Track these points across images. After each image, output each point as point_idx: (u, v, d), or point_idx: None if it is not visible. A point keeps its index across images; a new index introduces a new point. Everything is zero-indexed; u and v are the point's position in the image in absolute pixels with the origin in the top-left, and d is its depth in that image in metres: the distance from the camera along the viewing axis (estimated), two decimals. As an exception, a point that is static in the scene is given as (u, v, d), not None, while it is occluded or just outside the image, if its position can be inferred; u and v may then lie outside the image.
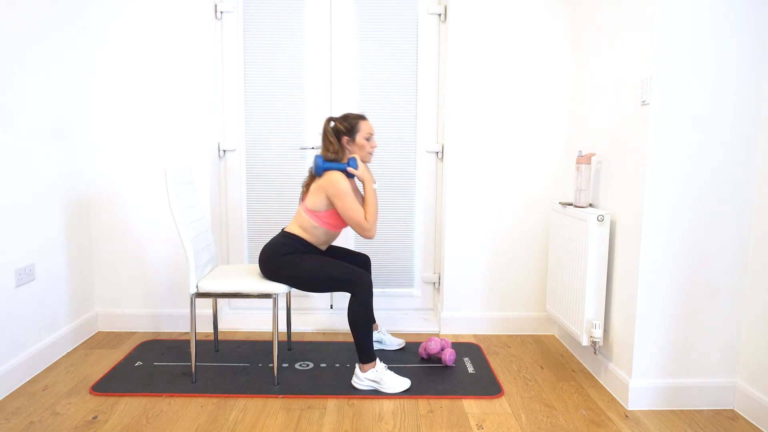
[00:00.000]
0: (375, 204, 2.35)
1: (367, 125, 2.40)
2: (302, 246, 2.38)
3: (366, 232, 2.32)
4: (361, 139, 2.39)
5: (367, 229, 2.32)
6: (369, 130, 2.40)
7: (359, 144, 2.39)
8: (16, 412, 2.13)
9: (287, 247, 2.35)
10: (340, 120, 2.40)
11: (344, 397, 2.26)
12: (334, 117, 2.42)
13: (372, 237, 2.35)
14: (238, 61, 3.03)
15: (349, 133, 2.38)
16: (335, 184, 2.28)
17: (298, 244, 2.37)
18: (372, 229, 2.33)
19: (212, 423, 2.06)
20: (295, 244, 2.36)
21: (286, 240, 2.37)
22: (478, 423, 2.08)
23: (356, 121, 2.39)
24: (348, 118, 2.40)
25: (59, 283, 2.67)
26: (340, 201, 2.29)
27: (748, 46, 2.04)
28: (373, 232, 2.34)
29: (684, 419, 2.12)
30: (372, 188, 2.36)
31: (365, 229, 2.32)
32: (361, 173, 2.35)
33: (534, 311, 3.03)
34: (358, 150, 2.40)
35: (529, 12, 2.84)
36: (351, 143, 2.39)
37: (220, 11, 2.99)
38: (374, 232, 2.34)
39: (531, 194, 2.95)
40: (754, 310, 2.12)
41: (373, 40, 3.04)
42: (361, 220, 2.30)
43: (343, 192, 2.28)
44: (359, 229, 2.32)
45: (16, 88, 2.34)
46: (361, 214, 2.30)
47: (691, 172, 2.09)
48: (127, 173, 2.92)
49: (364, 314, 2.26)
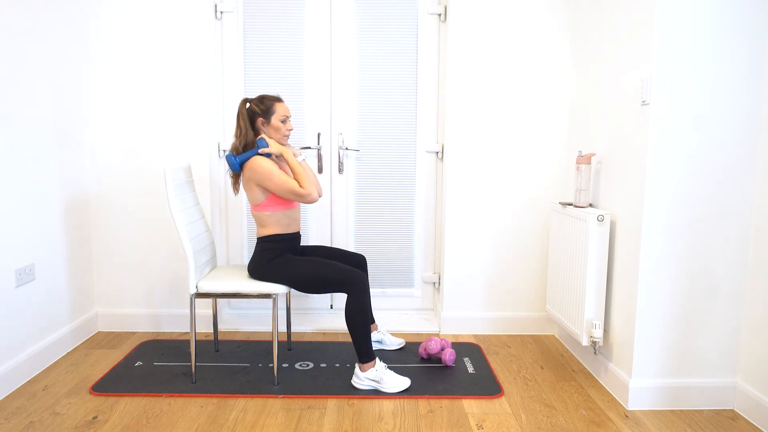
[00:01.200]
0: (303, 171, 2.30)
1: (283, 107, 2.37)
2: (281, 243, 2.37)
3: (306, 198, 2.27)
4: (277, 121, 2.36)
5: (305, 194, 2.27)
6: (285, 112, 2.37)
7: (274, 126, 2.36)
8: (16, 412, 2.13)
9: (269, 252, 2.35)
10: (255, 101, 2.37)
11: (344, 397, 2.26)
12: (250, 98, 2.39)
13: (315, 200, 2.29)
14: (238, 61, 3.03)
15: (265, 114, 2.35)
16: (257, 168, 2.26)
17: (277, 244, 2.37)
18: (312, 193, 2.27)
19: (212, 423, 2.06)
20: (273, 245, 2.36)
21: (264, 245, 2.37)
22: (478, 423, 2.08)
23: (272, 102, 2.36)
24: (264, 100, 2.36)
25: (59, 283, 2.67)
26: (269, 180, 2.26)
27: (748, 46, 2.04)
28: (314, 195, 2.28)
29: (684, 419, 2.12)
30: (291, 157, 2.31)
31: (303, 195, 2.27)
32: (276, 148, 2.31)
33: (534, 311, 3.03)
34: (273, 132, 2.37)
35: (529, 12, 2.84)
36: (266, 125, 2.36)
37: (220, 11, 2.99)
38: (315, 195, 2.28)
39: (531, 194, 2.95)
40: (754, 310, 2.12)
41: (373, 40, 3.04)
42: (296, 189, 2.26)
43: (268, 171, 2.25)
44: (299, 198, 2.28)
45: (16, 88, 2.34)
46: (294, 184, 2.26)
47: (691, 172, 2.09)
48: (127, 173, 2.92)
49: (361, 314, 2.26)
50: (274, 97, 2.38)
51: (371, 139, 3.10)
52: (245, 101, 2.37)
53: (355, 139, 3.10)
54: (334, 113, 3.08)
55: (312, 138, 3.10)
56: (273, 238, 2.37)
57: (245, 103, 2.37)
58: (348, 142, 3.11)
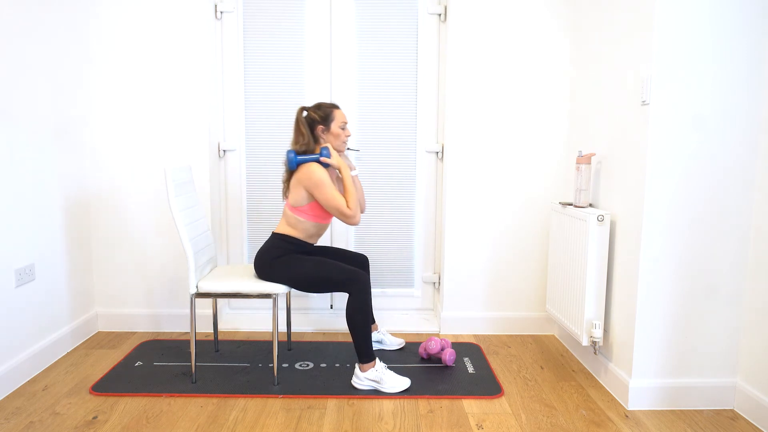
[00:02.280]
0: (355, 190, 2.34)
1: (341, 114, 2.39)
2: (293, 246, 2.37)
3: (349, 219, 2.30)
4: (336, 128, 2.38)
5: (350, 215, 2.29)
6: (343, 118, 2.40)
7: (334, 133, 2.38)
8: (16, 412, 2.13)
9: (279, 250, 2.35)
10: (313, 109, 2.38)
11: (344, 397, 2.26)
12: (307, 106, 2.41)
13: (356, 223, 2.32)
14: (238, 61, 3.03)
15: (324, 121, 2.36)
16: (311, 175, 2.27)
17: (289, 245, 2.37)
18: (355, 215, 2.30)
19: (212, 423, 2.06)
20: (286, 245, 2.36)
21: (277, 242, 2.37)
22: (478, 423, 2.08)
23: (330, 109, 2.38)
24: (322, 107, 2.38)
25: (59, 283, 2.67)
26: (319, 191, 2.27)
27: (748, 46, 2.04)
28: (357, 218, 2.31)
29: (684, 419, 2.12)
30: (348, 175, 2.34)
31: (348, 216, 2.29)
32: (336, 161, 2.33)
33: (534, 311, 3.03)
34: (333, 139, 2.39)
35: (529, 12, 2.84)
36: (326, 132, 2.38)
37: (220, 11, 2.99)
38: (358, 218, 2.32)
39: (531, 194, 2.95)
40: (754, 310, 2.12)
41: (373, 40, 3.04)
42: (342, 208, 2.28)
43: (321, 182, 2.26)
44: (342, 217, 2.30)
45: (16, 88, 2.34)
46: (342, 202, 2.28)
47: (691, 172, 2.09)
48: (127, 173, 2.92)
49: (361, 314, 2.26)
50: (331, 104, 2.40)
51: (371, 139, 3.10)
52: (302, 109, 2.39)
53: (355, 139, 3.10)
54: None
55: (312, 138, 3.10)
56: (289, 239, 2.37)
57: (302, 111, 2.38)
58: (348, 142, 3.10)
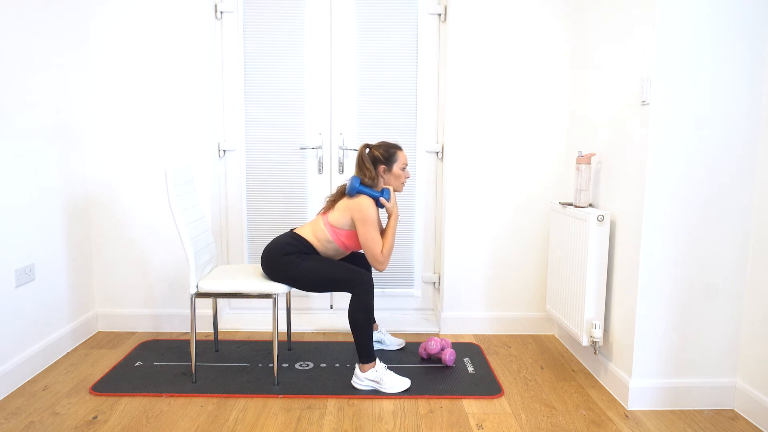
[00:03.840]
0: (393, 239, 2.39)
1: (403, 156, 2.44)
2: (307, 249, 2.38)
3: (379, 264, 2.36)
4: (398, 169, 2.42)
5: (381, 261, 2.36)
6: (405, 160, 2.45)
7: (395, 174, 2.42)
8: (16, 412, 2.13)
9: (291, 247, 2.36)
10: (377, 147, 2.43)
11: (344, 397, 2.26)
12: (371, 144, 2.45)
13: (382, 270, 2.39)
14: (238, 61, 3.03)
15: (387, 162, 2.41)
16: (364, 209, 2.30)
17: (304, 247, 2.37)
18: (385, 263, 2.37)
19: (212, 423, 2.06)
20: (300, 246, 2.37)
21: (293, 241, 2.37)
22: (478, 423, 2.08)
23: (394, 150, 2.43)
24: (386, 147, 2.42)
25: (59, 283, 2.67)
26: (364, 227, 2.31)
27: (748, 46, 2.04)
28: (385, 265, 2.38)
29: (684, 419, 2.12)
30: (395, 223, 2.40)
31: (379, 262, 2.36)
32: (392, 206, 2.40)
33: (534, 311, 3.03)
34: (394, 179, 2.43)
35: (530, 12, 2.84)
36: (387, 172, 2.42)
37: (220, 11, 2.99)
38: (386, 265, 2.38)
39: (531, 194, 2.95)
40: (754, 310, 2.12)
41: (373, 40, 3.04)
42: (377, 252, 2.34)
43: (370, 219, 2.31)
44: (373, 261, 2.36)
45: (16, 88, 2.34)
46: (379, 246, 2.34)
47: (691, 172, 2.09)
48: (127, 173, 2.92)
49: (364, 314, 2.27)
50: (394, 145, 2.45)
51: (371, 139, 3.10)
52: (365, 146, 2.43)
53: (355, 139, 3.10)
54: (334, 113, 3.08)
55: (312, 138, 3.10)
56: (307, 244, 2.39)
57: (365, 148, 2.43)
58: (348, 142, 3.11)
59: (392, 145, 2.44)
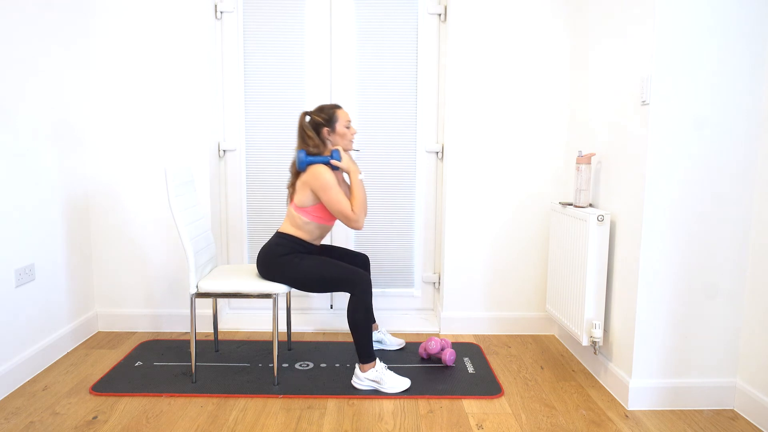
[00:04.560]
0: (362, 194, 2.34)
1: (344, 113, 2.40)
2: (298, 245, 2.38)
3: (353, 223, 2.31)
4: (341, 128, 2.38)
5: (354, 220, 2.30)
6: (347, 117, 2.40)
7: (340, 133, 2.38)
8: (16, 412, 2.13)
9: (283, 247, 2.35)
10: (315, 112, 2.39)
11: (344, 397, 2.26)
12: (309, 111, 2.42)
13: (360, 228, 2.33)
14: (238, 61, 3.03)
15: (329, 123, 2.37)
16: (319, 177, 2.27)
17: (294, 244, 2.37)
18: (359, 220, 2.31)
19: (212, 423, 2.06)
20: (291, 244, 2.36)
21: (282, 241, 2.37)
22: (478, 423, 2.08)
23: (333, 110, 2.38)
24: (324, 109, 2.39)
25: (59, 283, 2.67)
26: (326, 194, 2.28)
27: (748, 45, 2.04)
28: (361, 222, 2.32)
29: (684, 419, 2.12)
30: (358, 179, 2.34)
31: (352, 221, 2.30)
32: (346, 164, 2.34)
33: (534, 311, 3.03)
34: (340, 139, 2.39)
35: (530, 12, 2.84)
36: (332, 134, 2.38)
37: (220, 11, 2.99)
38: (362, 222, 2.33)
39: (531, 194, 2.95)
40: (754, 310, 2.12)
41: (373, 40, 3.04)
42: (347, 212, 2.29)
43: (328, 184, 2.27)
44: (346, 221, 2.31)
45: (16, 88, 2.34)
46: (347, 206, 2.29)
47: (691, 172, 2.09)
48: (127, 173, 2.92)
49: (363, 314, 2.26)
50: (333, 105, 2.41)
51: (371, 139, 3.10)
52: (305, 114, 2.39)
53: (355, 139, 3.10)
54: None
55: (312, 138, 3.10)
56: (294, 239, 2.38)
57: (305, 116, 2.39)
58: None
59: (330, 105, 2.41)
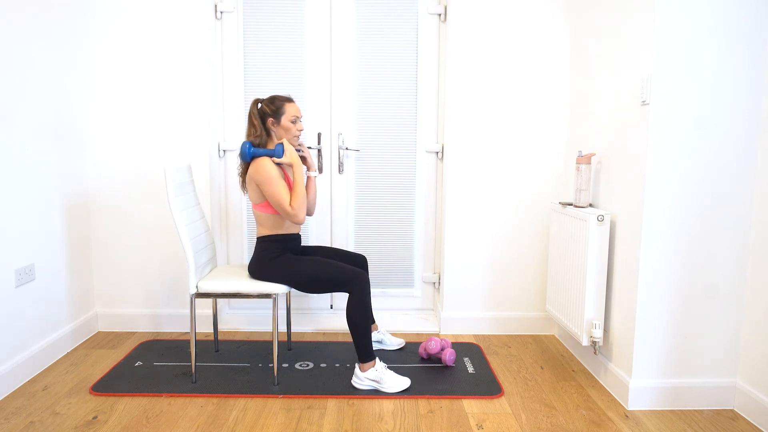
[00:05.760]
0: (302, 189, 2.29)
1: (293, 107, 2.37)
2: (281, 243, 2.37)
3: (291, 217, 2.28)
4: (287, 122, 2.35)
5: (292, 214, 2.27)
6: (295, 112, 2.37)
7: (284, 126, 2.35)
8: (16, 412, 2.13)
9: (270, 251, 2.35)
10: (267, 102, 2.37)
11: (344, 397, 2.26)
12: (262, 99, 2.39)
13: (300, 222, 2.29)
14: (238, 61, 3.03)
15: (275, 115, 2.34)
16: (261, 170, 2.26)
17: (277, 243, 2.37)
18: (297, 214, 2.27)
19: (212, 423, 2.06)
20: (274, 245, 2.36)
21: (265, 245, 2.37)
22: (478, 423, 2.08)
23: (282, 103, 2.35)
24: (275, 100, 2.36)
25: (59, 283, 2.67)
26: (267, 187, 2.26)
27: (748, 45, 2.04)
28: (301, 217, 2.28)
29: (684, 419, 2.12)
30: (300, 173, 2.30)
31: (290, 215, 2.27)
32: (288, 159, 2.30)
33: (534, 311, 3.03)
34: (284, 133, 2.36)
35: (530, 12, 2.84)
36: (276, 125, 2.36)
37: (220, 11, 2.99)
38: (302, 217, 2.28)
39: (531, 194, 2.95)
40: (754, 311, 2.12)
41: (373, 40, 3.04)
42: (285, 206, 2.26)
43: (268, 177, 2.25)
44: (285, 215, 2.28)
45: (16, 88, 2.34)
46: (286, 200, 2.26)
47: (691, 172, 2.09)
48: (127, 173, 2.92)
49: (362, 313, 2.26)
50: (284, 98, 2.37)
51: (371, 139, 3.10)
52: (257, 101, 2.37)
53: (355, 139, 3.10)
54: (334, 113, 3.08)
55: (312, 138, 3.10)
56: (273, 238, 2.37)
57: (257, 104, 2.38)
58: (348, 142, 3.11)
59: (281, 97, 2.37)
